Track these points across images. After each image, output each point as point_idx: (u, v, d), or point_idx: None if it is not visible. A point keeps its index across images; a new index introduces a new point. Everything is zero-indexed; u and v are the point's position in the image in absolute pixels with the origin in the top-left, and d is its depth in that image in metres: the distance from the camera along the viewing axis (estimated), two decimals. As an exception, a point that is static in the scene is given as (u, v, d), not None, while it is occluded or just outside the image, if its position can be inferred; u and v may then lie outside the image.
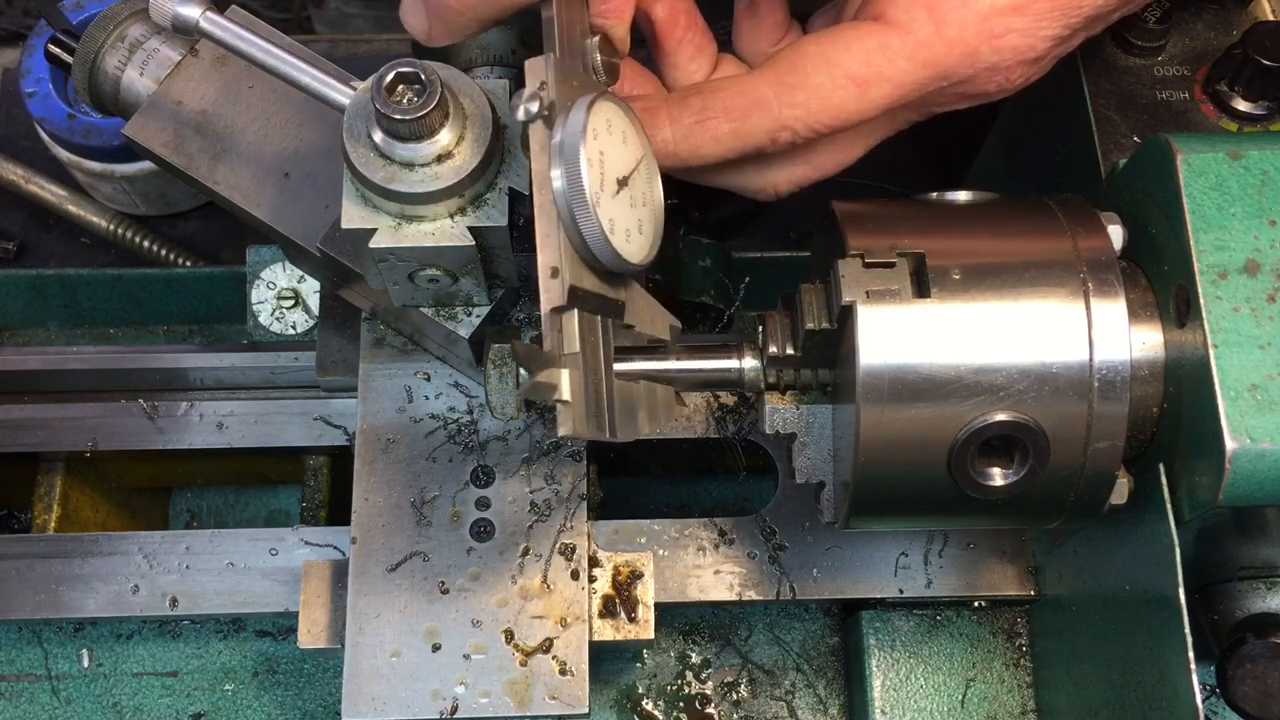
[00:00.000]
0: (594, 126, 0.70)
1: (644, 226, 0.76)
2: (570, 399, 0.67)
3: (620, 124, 0.74)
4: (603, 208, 0.70)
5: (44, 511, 1.03)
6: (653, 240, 0.76)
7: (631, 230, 0.74)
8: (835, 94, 0.78)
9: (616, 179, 0.72)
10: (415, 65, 0.73)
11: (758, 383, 0.80)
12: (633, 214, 0.74)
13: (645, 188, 0.76)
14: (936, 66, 0.77)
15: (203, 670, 1.00)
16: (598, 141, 0.71)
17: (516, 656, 0.86)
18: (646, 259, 0.75)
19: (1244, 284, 0.70)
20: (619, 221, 0.72)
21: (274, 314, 1.05)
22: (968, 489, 0.73)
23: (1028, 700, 0.94)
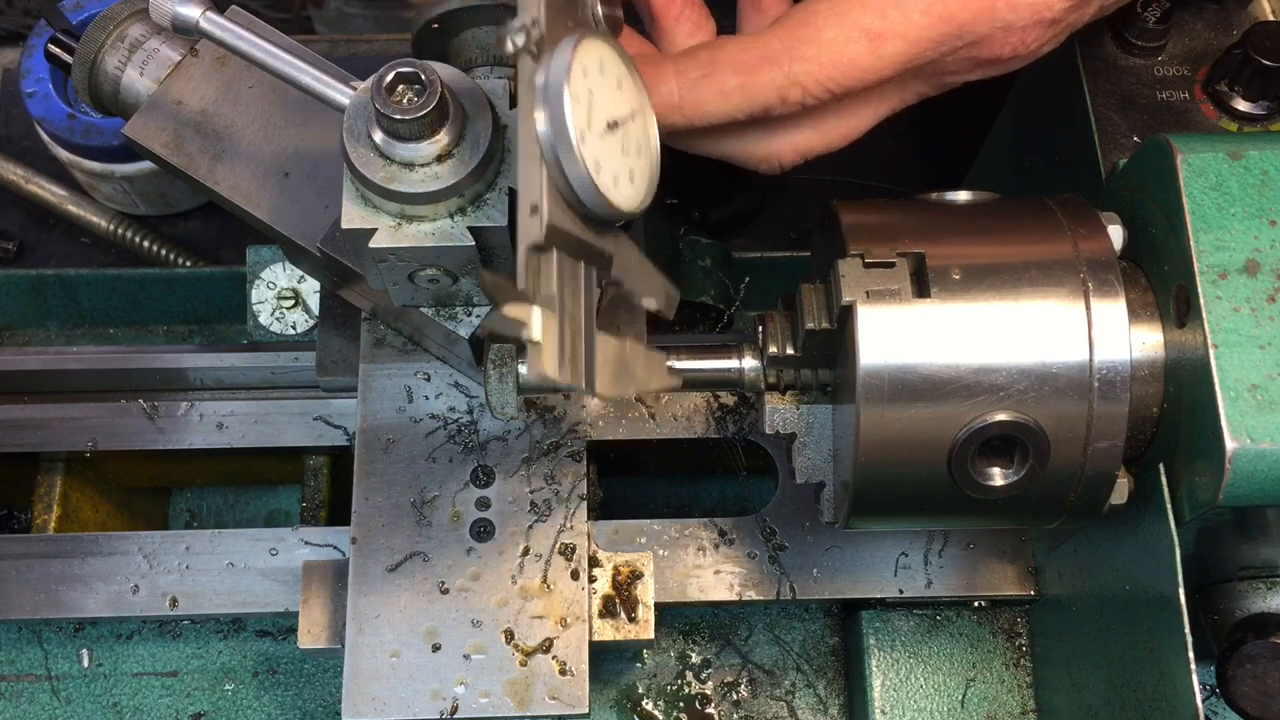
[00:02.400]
0: (584, 63, 0.67)
1: (636, 176, 0.72)
2: (540, 339, 0.63)
3: (615, 69, 0.71)
4: (589, 147, 0.67)
5: (44, 511, 1.03)
6: (646, 191, 0.73)
7: (621, 176, 0.70)
8: (847, 48, 0.76)
9: (607, 121, 0.69)
10: (415, 65, 0.73)
11: (758, 383, 0.80)
12: (624, 160, 0.71)
13: (640, 137, 0.73)
14: (952, 22, 0.76)
15: (203, 670, 1.00)
16: (587, 80, 0.68)
17: (516, 656, 0.86)
18: (637, 208, 0.72)
19: (1244, 284, 0.70)
20: (607, 165, 0.69)
21: (274, 314, 1.05)
22: (968, 489, 0.73)
23: (1028, 700, 0.94)
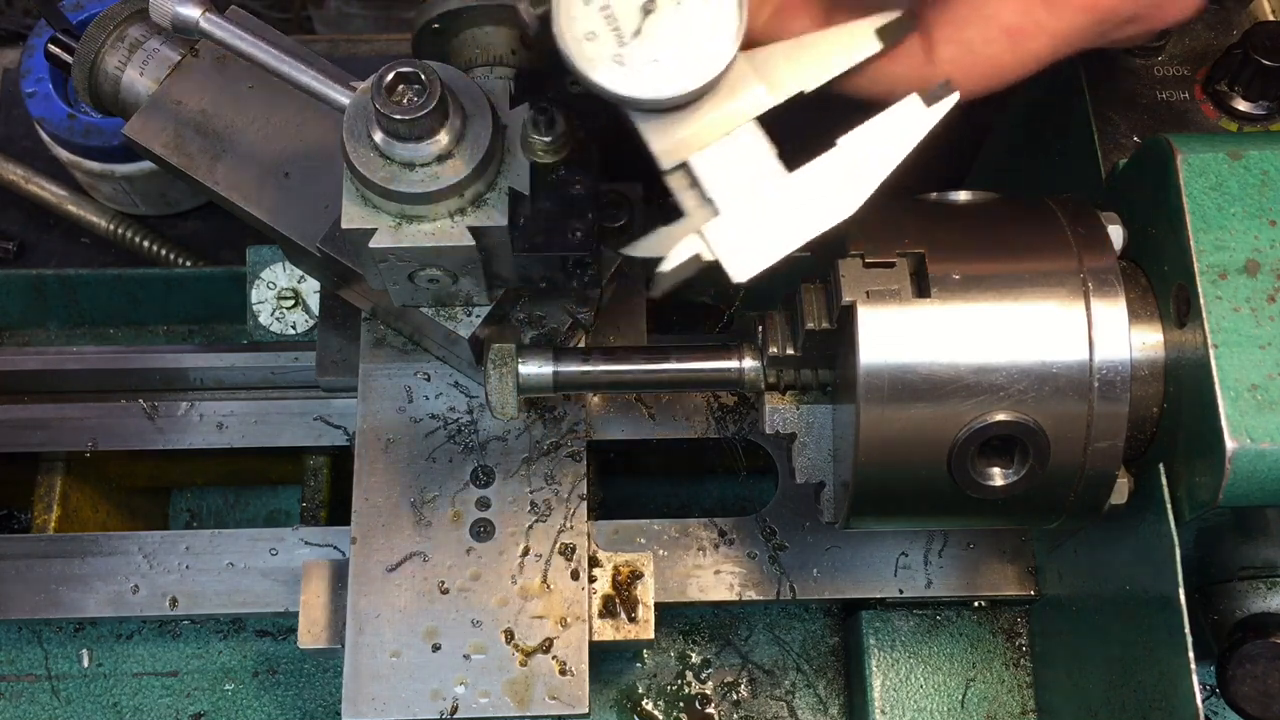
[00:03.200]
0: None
1: (679, 58, 0.67)
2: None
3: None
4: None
5: (44, 511, 1.03)
6: (693, 73, 0.67)
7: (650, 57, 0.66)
8: (987, 48, 0.71)
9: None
10: (415, 65, 0.73)
11: (758, 383, 0.80)
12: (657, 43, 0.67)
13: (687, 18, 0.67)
14: (1101, 10, 0.71)
15: (203, 670, 1.00)
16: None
17: (516, 656, 0.86)
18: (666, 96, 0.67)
19: (1244, 284, 0.70)
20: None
21: (274, 314, 1.05)
22: (968, 489, 0.73)
23: (1027, 700, 0.94)
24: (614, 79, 0.66)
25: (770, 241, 0.69)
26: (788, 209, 0.69)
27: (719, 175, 0.68)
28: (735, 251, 0.68)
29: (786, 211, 0.69)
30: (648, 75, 0.66)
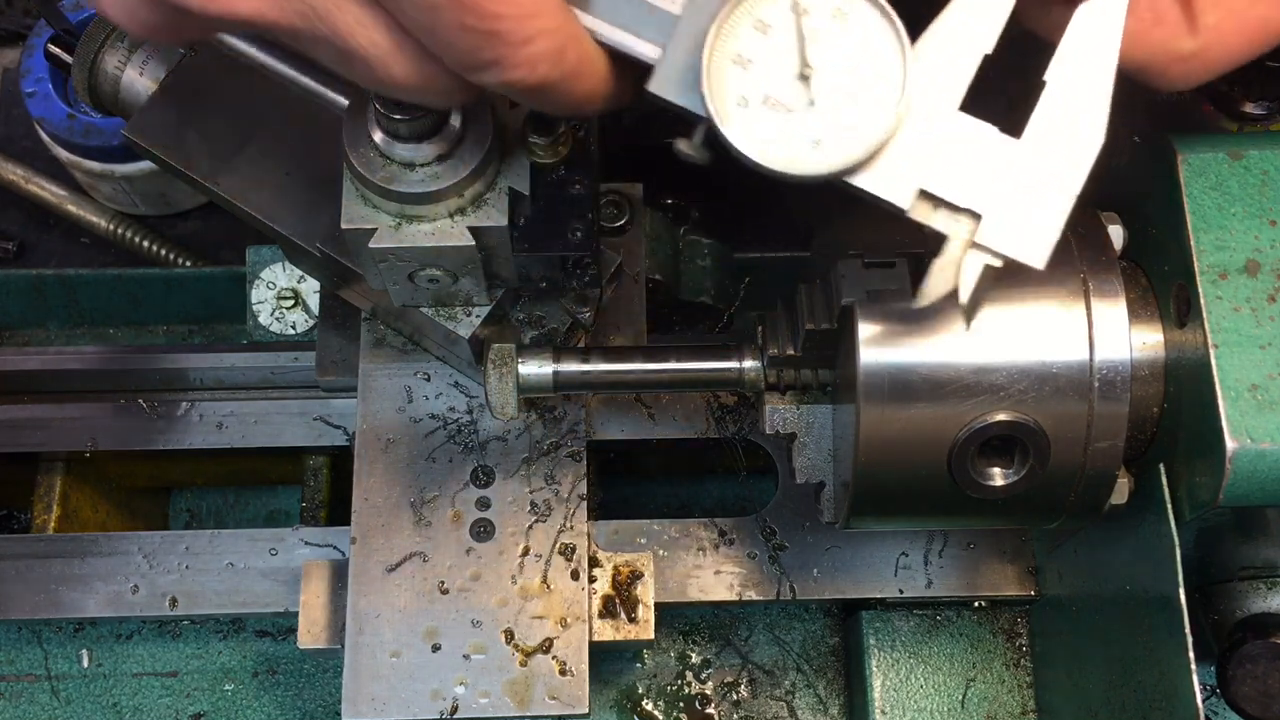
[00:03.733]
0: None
1: (833, 136, 0.64)
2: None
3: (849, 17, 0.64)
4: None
5: (44, 511, 1.03)
6: (847, 154, 0.64)
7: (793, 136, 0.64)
8: (1253, 8, 0.66)
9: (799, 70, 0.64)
10: (415, 65, 0.73)
11: (758, 383, 0.80)
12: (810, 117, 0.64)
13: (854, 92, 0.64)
14: None
15: (202, 670, 1.00)
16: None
17: (516, 656, 0.86)
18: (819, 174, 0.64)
19: (1244, 284, 0.70)
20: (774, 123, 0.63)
21: (274, 314, 1.05)
22: (968, 489, 0.73)
23: (1028, 700, 0.94)
24: (805, 162, 0.63)
25: (1046, 213, 0.64)
26: (1041, 173, 0.65)
27: (957, 183, 0.64)
28: (1021, 242, 0.64)
29: (1041, 177, 0.64)
30: (839, 141, 0.63)
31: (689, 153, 0.65)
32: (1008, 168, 0.65)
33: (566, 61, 0.62)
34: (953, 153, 0.65)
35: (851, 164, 0.63)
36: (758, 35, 0.63)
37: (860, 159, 0.63)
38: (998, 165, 0.65)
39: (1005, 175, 0.64)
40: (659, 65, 0.65)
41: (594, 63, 0.65)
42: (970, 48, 0.65)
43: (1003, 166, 0.65)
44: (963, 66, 0.64)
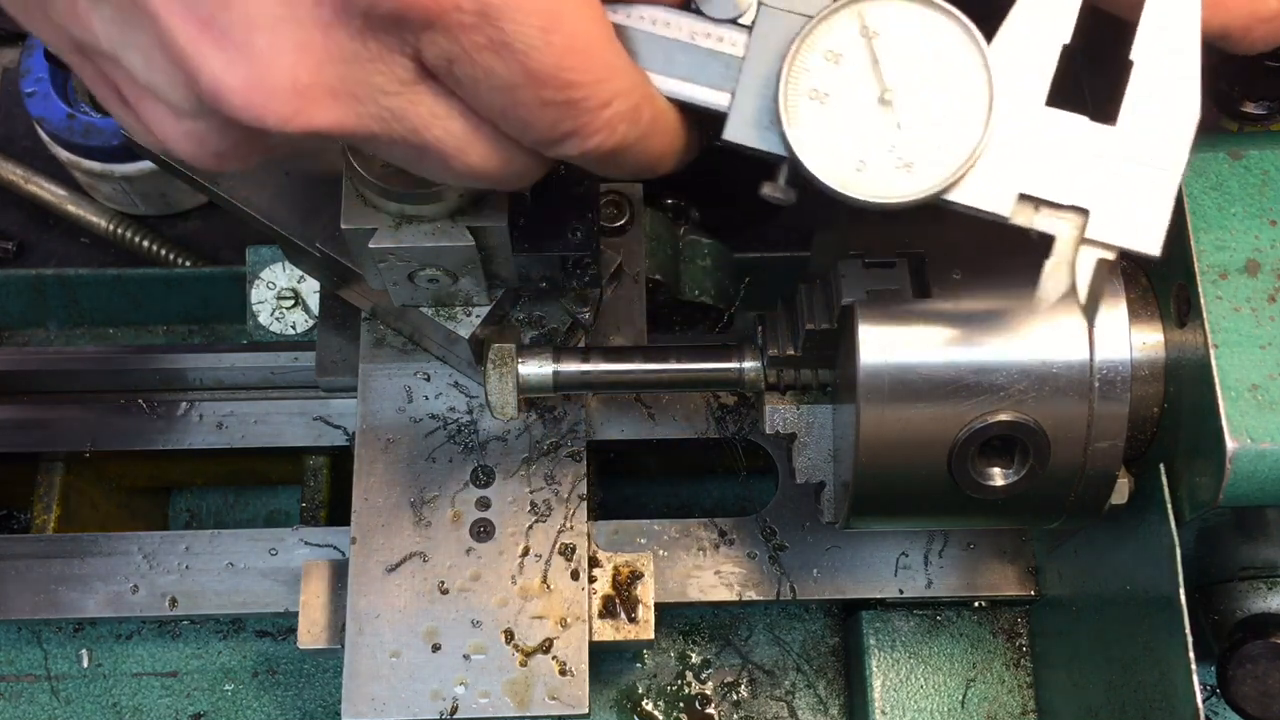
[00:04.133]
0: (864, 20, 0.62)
1: (921, 163, 0.62)
2: None
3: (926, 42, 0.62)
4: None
5: (43, 511, 1.03)
6: (925, 183, 0.62)
7: (874, 159, 0.62)
8: None
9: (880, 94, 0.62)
10: (415, 65, 0.73)
11: (758, 383, 0.80)
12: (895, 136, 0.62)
13: (935, 119, 0.62)
14: None
15: (202, 670, 1.00)
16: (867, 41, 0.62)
17: (516, 657, 0.85)
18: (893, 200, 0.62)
19: (1244, 284, 0.70)
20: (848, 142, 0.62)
21: (274, 314, 1.05)
22: (968, 489, 0.73)
23: (1028, 700, 0.94)
24: (898, 188, 0.62)
25: (1153, 197, 0.62)
26: (1142, 157, 0.63)
27: (1057, 181, 0.63)
28: (1133, 231, 0.62)
29: (1143, 160, 0.63)
30: (931, 161, 0.62)
31: (776, 195, 0.64)
32: (1106, 157, 0.63)
33: (642, 120, 0.61)
34: (1047, 151, 0.63)
35: (947, 182, 0.62)
36: (830, 66, 0.62)
37: (956, 176, 0.62)
38: (1096, 156, 0.63)
39: (1105, 165, 0.63)
40: (732, 111, 0.63)
41: (668, 117, 0.64)
42: (1048, 40, 0.63)
43: (1101, 156, 0.63)
44: (1043, 61, 0.63)
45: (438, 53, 0.55)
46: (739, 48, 0.63)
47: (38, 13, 0.57)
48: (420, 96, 0.58)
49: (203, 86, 0.53)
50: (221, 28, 0.53)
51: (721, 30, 0.63)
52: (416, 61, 0.56)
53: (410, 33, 0.55)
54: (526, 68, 0.56)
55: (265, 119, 0.54)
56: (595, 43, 0.58)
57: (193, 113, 0.56)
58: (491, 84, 0.56)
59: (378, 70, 0.56)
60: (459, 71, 0.56)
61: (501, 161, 0.61)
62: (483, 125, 0.60)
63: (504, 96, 0.57)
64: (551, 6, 0.55)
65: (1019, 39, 0.63)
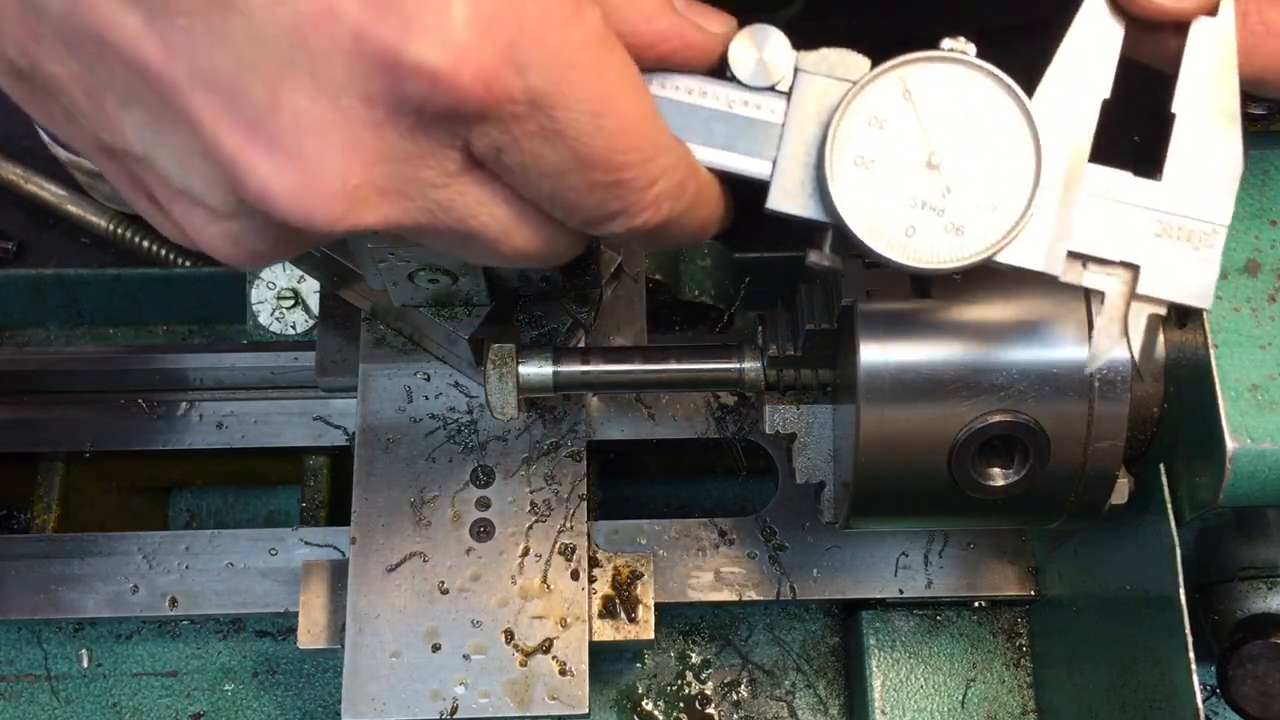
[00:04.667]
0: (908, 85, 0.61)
1: (968, 228, 0.62)
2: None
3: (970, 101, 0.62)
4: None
5: (43, 511, 1.03)
6: (970, 250, 0.62)
7: (922, 224, 0.62)
8: None
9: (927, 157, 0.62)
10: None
11: (758, 383, 0.80)
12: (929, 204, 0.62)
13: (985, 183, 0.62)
14: None
15: (202, 670, 1.00)
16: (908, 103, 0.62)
17: (516, 657, 0.85)
18: (937, 266, 0.62)
19: (1244, 284, 0.70)
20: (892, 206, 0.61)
21: (274, 314, 1.05)
22: (968, 489, 0.73)
23: (1028, 701, 0.94)
24: (948, 253, 0.62)
25: (1202, 250, 0.63)
26: (1189, 209, 0.63)
27: (1105, 238, 0.63)
28: (1184, 285, 0.63)
29: (1189, 213, 0.63)
30: (982, 224, 0.61)
31: (823, 263, 0.64)
32: (1153, 211, 0.63)
33: (687, 194, 0.61)
34: (1093, 207, 0.63)
35: (999, 245, 0.62)
36: (875, 131, 0.62)
37: (1008, 238, 0.61)
38: (1142, 211, 0.63)
39: (1152, 220, 0.63)
40: (774, 180, 0.63)
41: (711, 188, 0.64)
42: (1088, 95, 0.63)
43: (1148, 211, 0.63)
44: (1084, 116, 0.63)
45: (488, 143, 0.54)
46: (778, 115, 0.63)
47: (60, 116, 0.55)
48: (467, 186, 0.57)
49: (249, 191, 0.52)
50: (270, 132, 0.51)
51: (759, 98, 0.63)
52: (465, 152, 0.55)
53: (462, 125, 0.54)
54: (577, 154, 0.55)
55: (314, 221, 0.53)
56: (643, 122, 0.57)
57: (231, 214, 0.55)
58: (540, 170, 0.56)
59: (427, 165, 0.55)
60: (508, 159, 0.55)
61: (544, 242, 0.61)
62: (527, 209, 0.59)
63: (552, 181, 0.56)
64: (601, 92, 0.54)
65: (1058, 95, 0.63)
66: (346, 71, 0.50)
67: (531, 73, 0.52)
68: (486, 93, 0.52)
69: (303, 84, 0.50)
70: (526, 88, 0.53)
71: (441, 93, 0.51)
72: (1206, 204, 0.63)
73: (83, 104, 0.53)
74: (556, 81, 0.53)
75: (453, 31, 0.50)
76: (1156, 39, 0.65)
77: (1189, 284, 0.63)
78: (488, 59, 0.51)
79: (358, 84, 0.51)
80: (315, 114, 0.51)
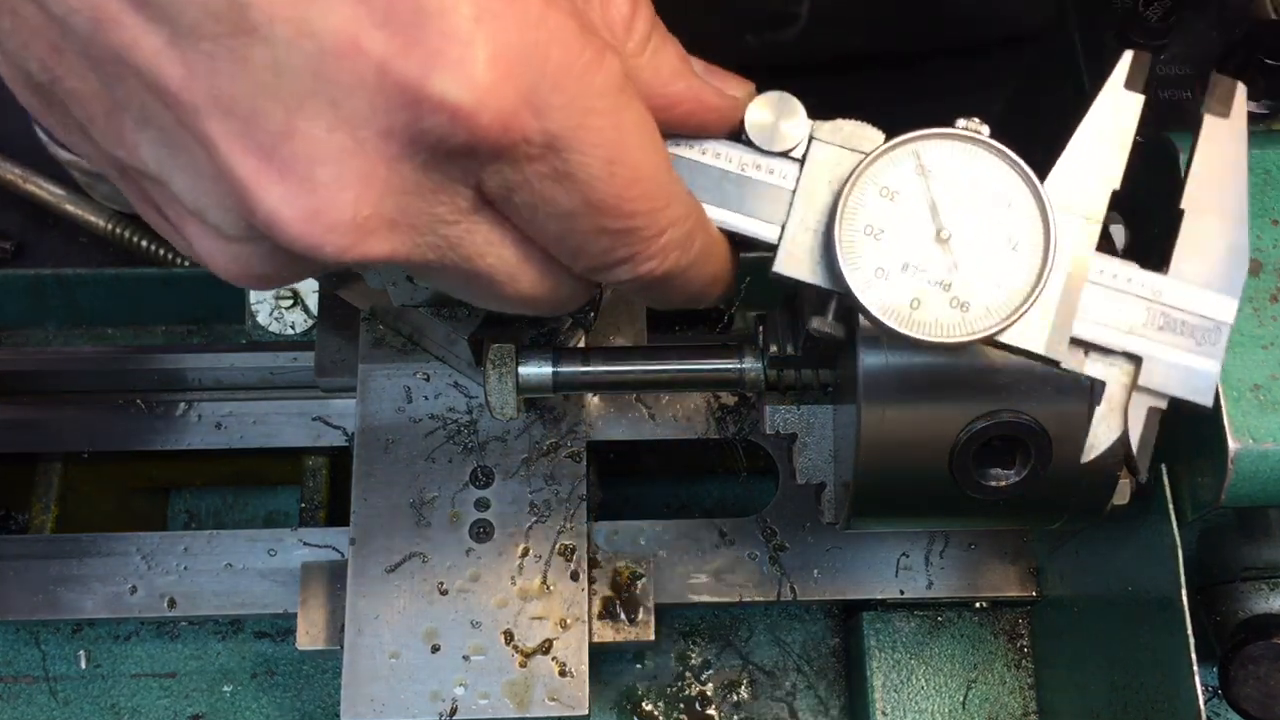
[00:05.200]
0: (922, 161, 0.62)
1: (971, 304, 0.62)
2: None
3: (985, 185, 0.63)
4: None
5: (42, 512, 1.02)
6: (978, 327, 0.62)
7: (929, 299, 0.62)
8: None
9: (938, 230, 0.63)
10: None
11: (758, 383, 0.80)
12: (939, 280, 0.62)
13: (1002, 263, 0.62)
14: None
15: (201, 671, 1.00)
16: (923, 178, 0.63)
17: (516, 658, 0.85)
18: (941, 340, 0.62)
19: (1246, 284, 0.70)
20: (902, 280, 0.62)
21: (272, 314, 1.05)
22: (969, 489, 0.73)
23: (1029, 702, 0.94)
24: (953, 328, 0.62)
25: (1205, 346, 0.64)
26: (1193, 305, 0.64)
27: (1109, 327, 0.64)
28: (1185, 380, 0.63)
29: (1194, 309, 0.64)
30: (987, 302, 0.62)
31: (826, 330, 0.65)
32: (1158, 304, 0.64)
33: (694, 248, 0.61)
34: (1099, 297, 0.64)
35: (1002, 325, 0.62)
36: (886, 203, 0.62)
37: (1012, 319, 0.62)
38: (1148, 304, 0.64)
39: (1157, 312, 0.64)
40: (782, 245, 0.64)
41: (719, 245, 0.64)
42: (1099, 185, 0.64)
43: (1153, 303, 0.64)
44: (1094, 205, 0.64)
45: (500, 182, 0.55)
46: (789, 180, 0.64)
47: (76, 130, 0.55)
48: (476, 225, 0.57)
49: (258, 217, 0.52)
50: (284, 159, 0.51)
51: (772, 162, 0.64)
52: (477, 191, 0.56)
53: (476, 163, 0.54)
54: (588, 198, 0.55)
55: (323, 250, 0.53)
56: (656, 172, 0.58)
57: (240, 238, 0.55)
58: (550, 212, 0.56)
59: (439, 201, 0.55)
60: (519, 199, 0.56)
61: (549, 288, 0.61)
62: (534, 253, 0.59)
63: (561, 224, 0.57)
64: (617, 139, 0.55)
65: (1071, 181, 0.64)
66: (368, 104, 0.50)
67: (549, 116, 0.53)
68: (504, 133, 0.52)
69: (321, 113, 0.50)
70: (543, 130, 0.53)
71: (460, 129, 0.51)
72: (1211, 301, 0.64)
73: (100, 121, 0.53)
74: (574, 126, 0.53)
75: (476, 70, 0.50)
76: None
77: (1191, 380, 0.63)
78: (508, 99, 0.51)
79: (378, 117, 0.51)
80: (331, 144, 0.51)
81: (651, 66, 0.60)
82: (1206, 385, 0.64)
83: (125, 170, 0.56)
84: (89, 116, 0.53)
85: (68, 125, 0.55)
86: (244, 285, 0.58)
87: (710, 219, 0.64)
